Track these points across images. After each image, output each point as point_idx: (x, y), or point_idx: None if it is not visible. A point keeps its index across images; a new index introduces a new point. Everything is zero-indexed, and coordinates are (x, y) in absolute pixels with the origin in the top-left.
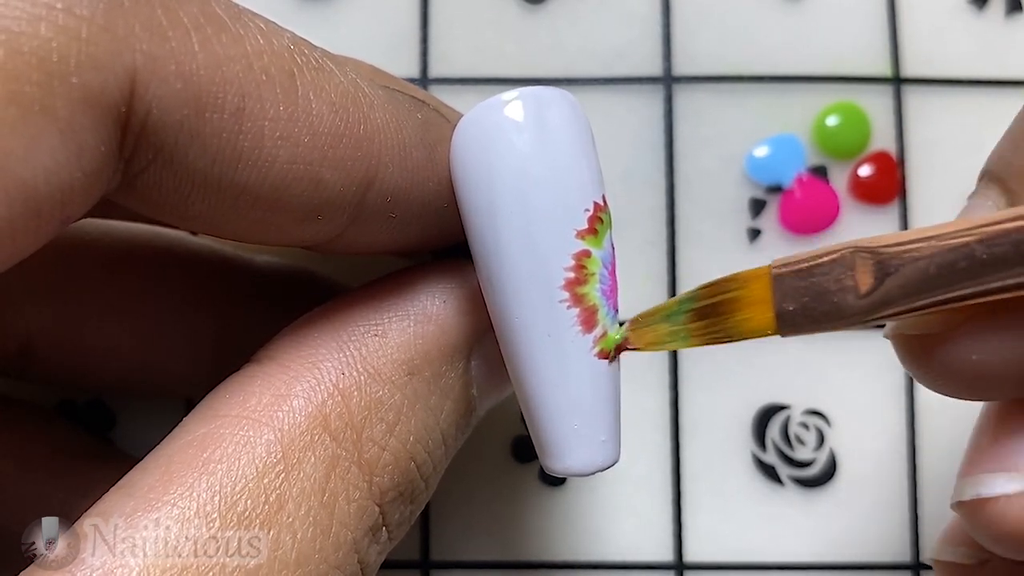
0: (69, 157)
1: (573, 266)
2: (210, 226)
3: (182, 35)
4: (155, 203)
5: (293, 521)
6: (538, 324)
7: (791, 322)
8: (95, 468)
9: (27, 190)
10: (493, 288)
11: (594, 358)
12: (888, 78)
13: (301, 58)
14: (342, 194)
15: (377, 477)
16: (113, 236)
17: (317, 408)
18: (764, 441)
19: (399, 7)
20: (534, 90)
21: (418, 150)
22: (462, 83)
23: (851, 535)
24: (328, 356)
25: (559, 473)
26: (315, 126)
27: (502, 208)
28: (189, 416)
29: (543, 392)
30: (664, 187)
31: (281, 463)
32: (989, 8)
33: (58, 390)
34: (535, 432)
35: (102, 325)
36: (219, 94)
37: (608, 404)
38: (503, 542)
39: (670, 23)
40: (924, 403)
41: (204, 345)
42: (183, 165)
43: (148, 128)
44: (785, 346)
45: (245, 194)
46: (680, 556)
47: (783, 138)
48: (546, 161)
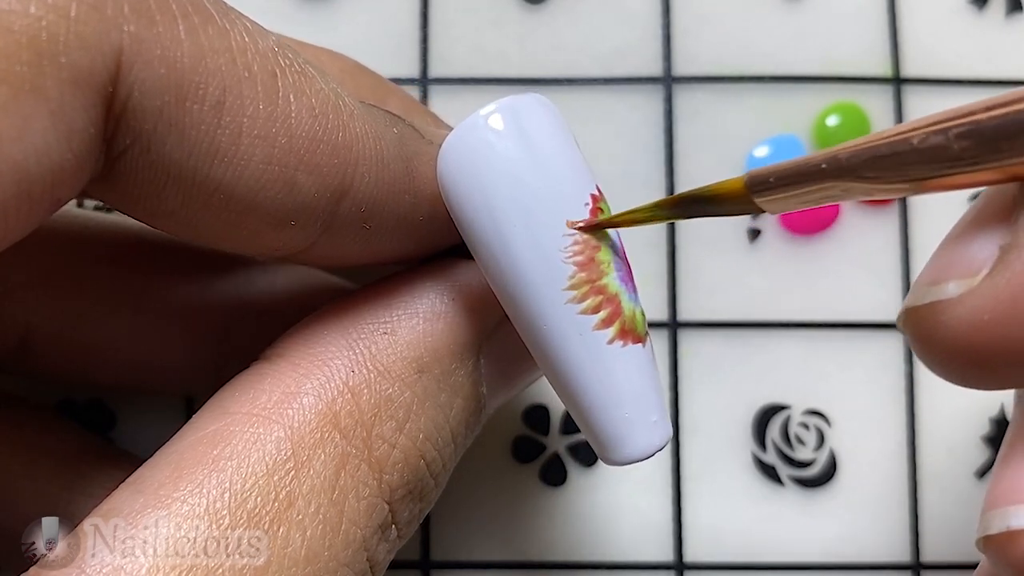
0: (59, 138)
1: (585, 262)
2: (182, 226)
3: (169, 21)
4: (128, 194)
5: (303, 518)
6: (567, 328)
7: (761, 180)
8: (98, 467)
9: (19, 171)
10: (515, 303)
11: (630, 346)
12: (888, 78)
13: (284, 60)
14: (316, 200)
15: (387, 475)
16: (114, 230)
17: (327, 406)
18: (764, 441)
19: (399, 7)
20: (510, 100)
21: (395, 163)
22: (462, 83)
23: (851, 535)
24: (338, 354)
25: (621, 464)
26: (293, 128)
27: (505, 221)
28: (198, 413)
29: (588, 391)
30: (664, 187)
31: (291, 460)
32: (989, 8)
33: (58, 389)
34: (588, 429)
35: (102, 319)
36: (201, 84)
37: (652, 384)
38: (503, 542)
39: (670, 23)
40: (924, 403)
41: (205, 342)
42: (160, 154)
43: (128, 111)
44: (786, 346)
45: (219, 192)
46: (680, 556)
47: (783, 138)
48: (537, 165)
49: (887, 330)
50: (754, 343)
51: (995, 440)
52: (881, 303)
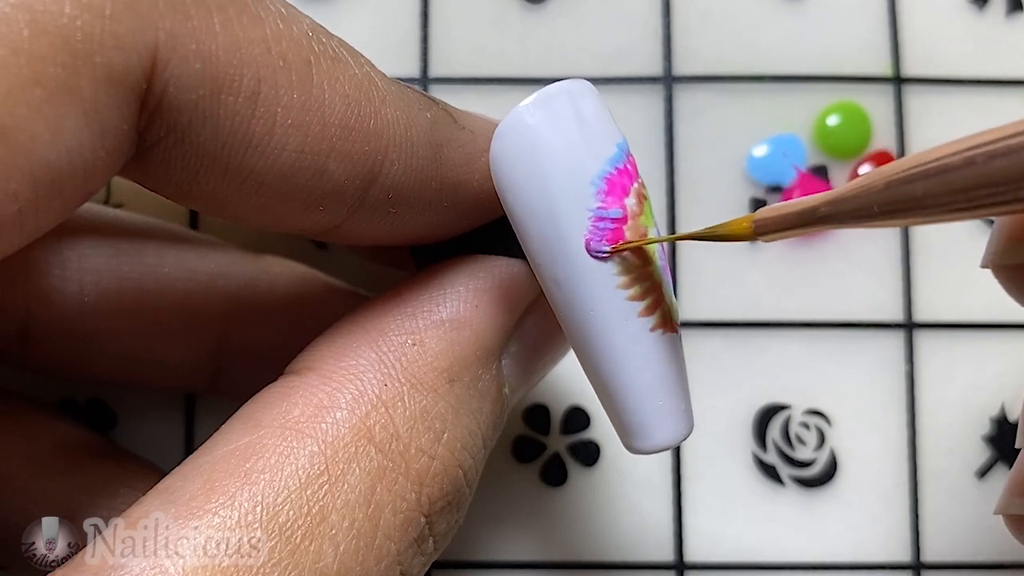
0: (92, 137)
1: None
2: (212, 207)
3: (204, 14)
4: (161, 179)
5: (336, 533)
6: (616, 312)
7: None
8: (101, 466)
9: (52, 171)
10: (562, 291)
11: (669, 334)
12: (889, 78)
13: (319, 46)
14: (346, 187)
15: (427, 487)
16: (117, 224)
17: (361, 420)
18: (765, 441)
19: (399, 7)
20: (567, 84)
21: (424, 149)
22: (462, 83)
23: (851, 535)
24: (369, 367)
25: (647, 452)
26: (326, 117)
27: (560, 204)
28: (228, 424)
29: (628, 376)
30: (665, 187)
31: (325, 474)
32: (989, 8)
33: (59, 387)
34: (621, 415)
35: (102, 312)
36: (236, 76)
37: (683, 374)
38: (503, 542)
39: (670, 23)
40: (925, 403)
41: (205, 340)
42: (194, 145)
43: (163, 106)
44: (786, 346)
45: (251, 179)
46: (681, 556)
47: (784, 138)
48: (591, 149)
49: (887, 330)
50: (755, 343)
51: (995, 440)
52: (881, 303)
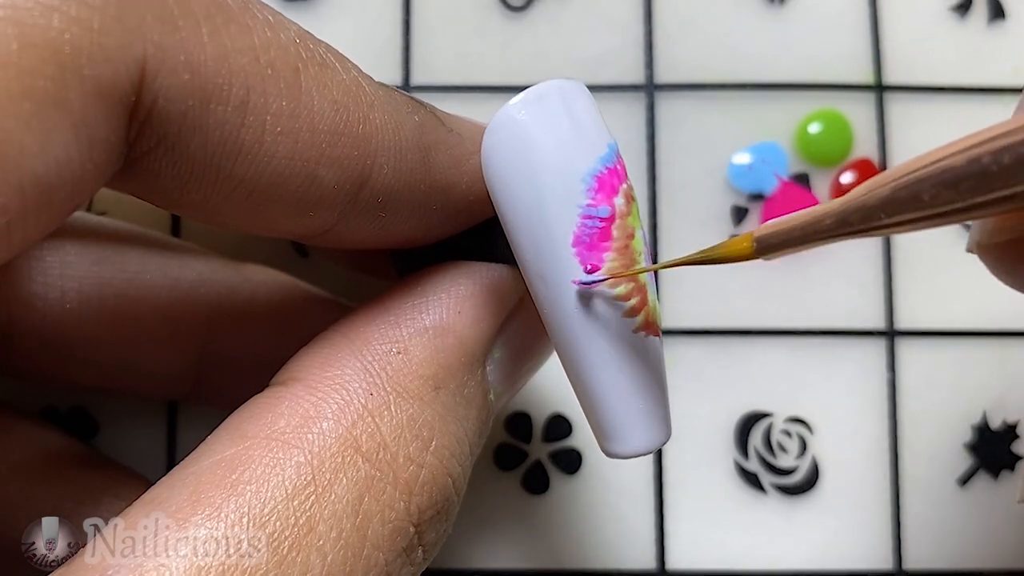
0: (81, 149)
1: (621, 248)
2: (202, 214)
3: (192, 25)
4: (151, 188)
5: (324, 544)
6: (601, 311)
7: (769, 245)
8: (85, 474)
9: (40, 184)
10: (548, 287)
11: (651, 337)
12: (870, 85)
13: (306, 53)
14: (336, 191)
15: (416, 497)
16: (99, 231)
17: (347, 430)
18: (747, 449)
19: (381, 14)
20: (557, 83)
21: (413, 152)
22: (444, 91)
23: (834, 542)
24: (354, 377)
25: (624, 456)
26: (316, 123)
27: (550, 201)
28: (213, 436)
29: (611, 377)
30: (646, 195)
31: (312, 485)
32: (971, 16)
33: (41, 395)
34: (599, 417)
35: (83, 318)
36: (225, 86)
37: (662, 379)
38: (485, 550)
39: (652, 31)
40: (907, 411)
41: (187, 348)
42: (184, 154)
43: (153, 117)
44: (768, 354)
45: (241, 186)
46: (663, 564)
47: (765, 145)
48: (582, 147)
49: (869, 338)
50: (737, 351)
51: (977, 448)
52: (863, 311)
